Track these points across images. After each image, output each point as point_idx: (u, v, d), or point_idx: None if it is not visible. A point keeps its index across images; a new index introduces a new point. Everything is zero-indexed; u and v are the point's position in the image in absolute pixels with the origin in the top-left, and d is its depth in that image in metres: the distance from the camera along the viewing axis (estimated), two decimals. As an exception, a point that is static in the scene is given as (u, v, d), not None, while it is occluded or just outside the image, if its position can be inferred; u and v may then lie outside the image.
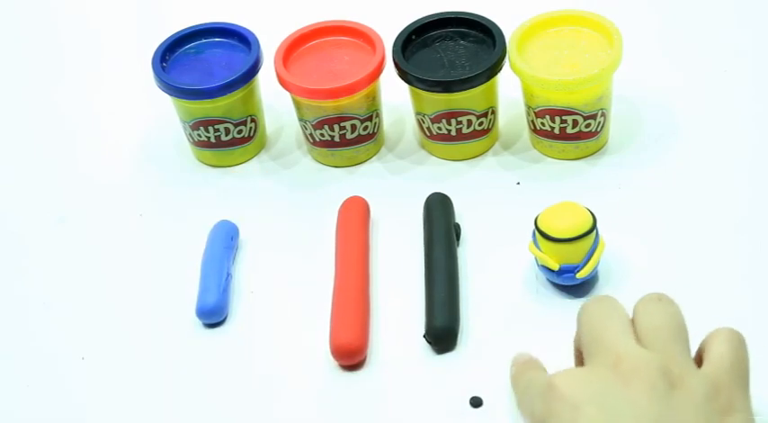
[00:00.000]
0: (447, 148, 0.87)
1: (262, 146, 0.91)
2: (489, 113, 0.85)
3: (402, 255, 0.79)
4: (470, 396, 0.68)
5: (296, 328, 0.75)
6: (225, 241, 0.80)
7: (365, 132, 0.86)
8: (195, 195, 0.88)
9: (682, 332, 0.60)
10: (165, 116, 0.91)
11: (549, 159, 0.85)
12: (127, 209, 0.88)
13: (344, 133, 0.86)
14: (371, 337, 0.73)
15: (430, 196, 0.81)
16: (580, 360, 0.62)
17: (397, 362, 0.72)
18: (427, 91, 0.82)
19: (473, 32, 0.85)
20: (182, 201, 0.88)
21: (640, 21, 0.95)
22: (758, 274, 0.74)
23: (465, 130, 0.84)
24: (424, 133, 0.87)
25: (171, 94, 0.86)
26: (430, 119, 0.84)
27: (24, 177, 0.93)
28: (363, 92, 0.83)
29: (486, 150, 0.87)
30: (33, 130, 0.98)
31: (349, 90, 0.82)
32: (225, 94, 0.84)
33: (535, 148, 0.86)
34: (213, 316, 0.76)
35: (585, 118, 0.82)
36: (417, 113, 0.86)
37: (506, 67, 0.82)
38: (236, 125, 0.87)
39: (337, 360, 0.72)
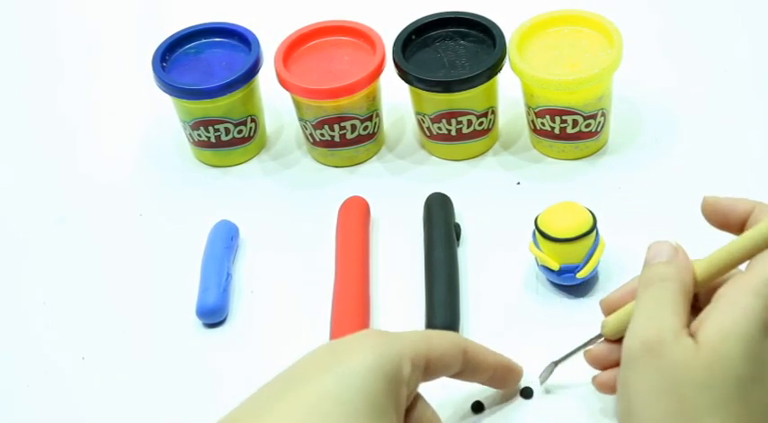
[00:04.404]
0: (447, 148, 0.87)
1: (262, 146, 0.91)
2: (489, 113, 0.85)
3: (402, 255, 0.79)
4: (471, 398, 0.68)
5: (296, 328, 0.75)
6: (225, 241, 0.80)
7: (365, 132, 0.86)
8: (195, 195, 0.88)
9: None
10: (165, 116, 0.91)
11: (549, 159, 0.85)
12: (127, 209, 0.88)
13: (344, 133, 0.86)
14: (371, 337, 0.73)
15: (430, 196, 0.81)
16: None
17: (397, 362, 0.72)
18: (427, 91, 0.82)
19: (473, 32, 0.85)
20: (182, 201, 0.88)
21: (640, 21, 0.95)
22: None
23: (465, 130, 0.84)
24: (424, 133, 0.86)
25: (171, 94, 0.86)
26: (430, 119, 0.84)
27: (24, 177, 0.93)
28: (363, 92, 0.83)
29: (486, 150, 0.87)
30: (33, 130, 0.98)
31: (349, 90, 0.82)
32: (225, 94, 0.84)
33: (535, 148, 0.86)
34: (213, 316, 0.76)
35: (585, 118, 0.82)
36: (417, 113, 0.86)
37: (506, 67, 0.82)
38: (236, 125, 0.87)
39: (337, 360, 0.71)
